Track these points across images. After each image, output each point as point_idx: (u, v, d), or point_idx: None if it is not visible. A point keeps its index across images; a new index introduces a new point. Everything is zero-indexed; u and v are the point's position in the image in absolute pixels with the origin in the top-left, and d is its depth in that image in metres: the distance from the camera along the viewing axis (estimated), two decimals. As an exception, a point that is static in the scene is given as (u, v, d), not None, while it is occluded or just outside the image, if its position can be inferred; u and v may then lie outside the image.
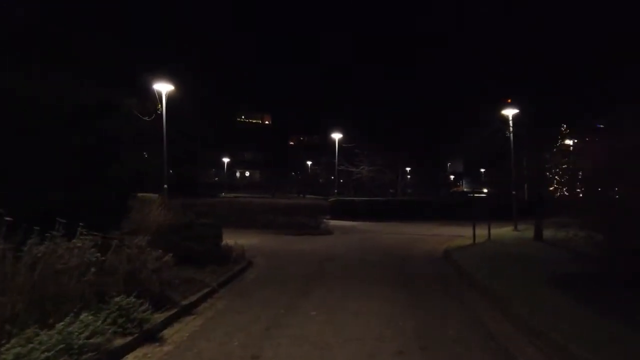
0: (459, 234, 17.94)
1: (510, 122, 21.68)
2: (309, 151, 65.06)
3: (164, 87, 18.35)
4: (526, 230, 18.35)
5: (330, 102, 49.27)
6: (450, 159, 64.09)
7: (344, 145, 37.51)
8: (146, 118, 18.94)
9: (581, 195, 9.40)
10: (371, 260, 12.15)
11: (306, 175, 64.70)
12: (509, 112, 21.65)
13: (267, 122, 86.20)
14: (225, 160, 61.37)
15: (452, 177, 73.24)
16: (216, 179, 65.66)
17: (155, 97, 19.54)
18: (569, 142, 35.94)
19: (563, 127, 30.60)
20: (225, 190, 52.65)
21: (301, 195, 50.33)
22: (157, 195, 19.33)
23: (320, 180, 57.49)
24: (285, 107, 70.22)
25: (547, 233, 15.06)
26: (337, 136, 35.39)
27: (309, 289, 8.34)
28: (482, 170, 66.68)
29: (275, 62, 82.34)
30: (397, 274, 10.19)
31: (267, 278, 9.59)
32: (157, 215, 12.90)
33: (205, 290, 7.47)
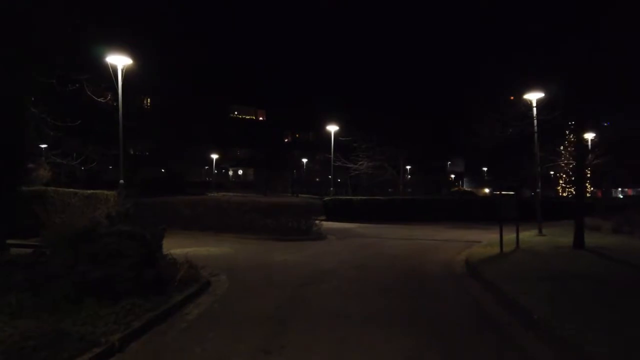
0: (475, 239, 15.58)
1: (534, 108, 18.54)
2: (305, 150, 62.08)
3: (120, 61, 14.82)
4: (553, 235, 15.85)
5: (327, 98, 46.11)
6: (450, 158, 61.68)
7: (340, 138, 34.28)
8: (101, 100, 15.63)
9: None
10: (374, 282, 8.84)
11: (301, 174, 61.64)
12: (533, 97, 18.47)
13: (261, 118, 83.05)
14: (215, 156, 57.95)
15: (452, 176, 71.23)
16: (208, 178, 62.41)
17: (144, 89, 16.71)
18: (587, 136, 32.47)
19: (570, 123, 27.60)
20: (216, 189, 49.36)
21: (295, 194, 47.12)
22: (112, 192, 16.22)
23: (317, 180, 54.62)
24: (280, 103, 67.27)
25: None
26: (332, 128, 32.08)
27: (278, 342, 5.07)
28: (485, 169, 64.10)
29: (271, 57, 79.42)
30: (413, 308, 6.87)
31: (219, 316, 6.28)
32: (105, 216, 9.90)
33: (85, 358, 4.18)
